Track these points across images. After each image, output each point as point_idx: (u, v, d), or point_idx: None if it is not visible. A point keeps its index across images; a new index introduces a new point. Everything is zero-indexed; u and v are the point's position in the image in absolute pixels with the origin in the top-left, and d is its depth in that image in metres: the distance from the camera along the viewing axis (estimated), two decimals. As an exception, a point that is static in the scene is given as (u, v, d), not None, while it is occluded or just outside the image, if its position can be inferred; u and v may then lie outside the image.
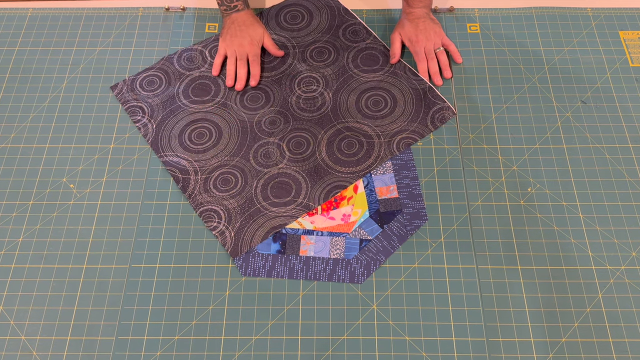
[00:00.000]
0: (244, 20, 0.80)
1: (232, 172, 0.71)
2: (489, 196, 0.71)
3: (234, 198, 0.70)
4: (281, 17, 0.85)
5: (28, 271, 0.67)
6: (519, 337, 0.62)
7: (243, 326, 0.63)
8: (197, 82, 0.79)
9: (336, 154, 0.73)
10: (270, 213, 0.69)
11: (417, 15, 0.81)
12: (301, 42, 0.83)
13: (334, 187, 0.71)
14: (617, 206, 0.70)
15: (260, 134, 0.75)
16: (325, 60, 0.81)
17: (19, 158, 0.75)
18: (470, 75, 0.81)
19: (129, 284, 0.66)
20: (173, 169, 0.72)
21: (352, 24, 0.85)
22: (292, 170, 0.72)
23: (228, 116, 0.76)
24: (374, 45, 0.82)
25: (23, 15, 0.89)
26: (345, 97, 0.77)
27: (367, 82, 0.79)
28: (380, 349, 0.61)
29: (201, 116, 0.76)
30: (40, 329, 0.63)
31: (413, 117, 0.76)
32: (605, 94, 0.79)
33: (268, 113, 0.76)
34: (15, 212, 0.71)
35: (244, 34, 0.79)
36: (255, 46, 0.79)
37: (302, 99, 0.77)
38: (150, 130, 0.75)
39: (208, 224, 0.68)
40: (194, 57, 0.82)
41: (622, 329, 0.62)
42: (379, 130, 0.75)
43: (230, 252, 0.67)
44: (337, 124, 0.75)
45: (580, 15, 0.87)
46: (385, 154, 0.73)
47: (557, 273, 0.66)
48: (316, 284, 0.65)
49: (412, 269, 0.66)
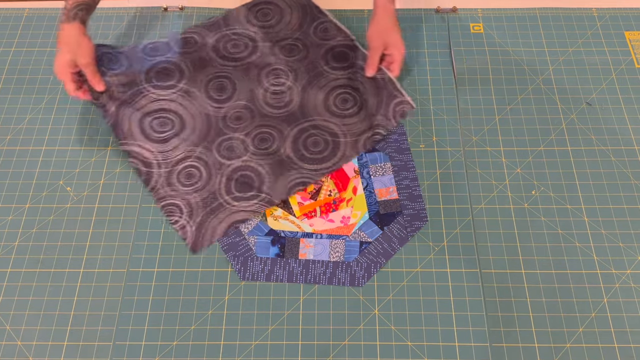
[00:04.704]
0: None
1: (196, 166, 0.71)
2: (493, 199, 0.70)
3: (197, 192, 0.70)
4: (251, 14, 0.84)
5: (24, 275, 0.66)
6: (523, 343, 0.61)
7: (242, 331, 0.62)
8: (161, 65, 0.78)
9: (301, 151, 0.73)
10: (233, 207, 0.69)
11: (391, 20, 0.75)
12: (272, 38, 0.82)
13: (298, 184, 0.71)
14: (622, 209, 0.69)
15: (225, 129, 0.74)
16: (296, 56, 0.80)
17: (15, 160, 0.74)
18: (474, 76, 0.80)
19: (127, 289, 0.65)
20: (136, 161, 0.71)
21: (323, 21, 0.84)
22: (255, 163, 0.71)
23: (192, 108, 0.75)
24: (344, 43, 0.82)
25: (19, 15, 0.88)
26: (314, 94, 0.77)
27: (337, 80, 0.78)
28: (382, 354, 0.61)
29: (164, 105, 0.75)
30: (37, 334, 0.63)
31: (376, 111, 0.75)
32: (610, 95, 0.78)
33: (234, 107, 0.75)
34: (11, 215, 0.70)
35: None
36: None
37: (270, 93, 0.76)
38: (111, 113, 0.73)
39: (170, 218, 0.68)
40: (159, 47, 0.80)
41: (627, 334, 0.62)
42: (346, 129, 0.74)
43: (191, 246, 0.67)
44: (304, 122, 0.75)
45: (585, 15, 0.86)
46: (350, 153, 0.73)
47: (562, 277, 0.65)
48: (317, 288, 0.65)
49: (415, 273, 0.65)
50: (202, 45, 0.81)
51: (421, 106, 0.78)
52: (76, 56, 0.69)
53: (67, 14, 0.70)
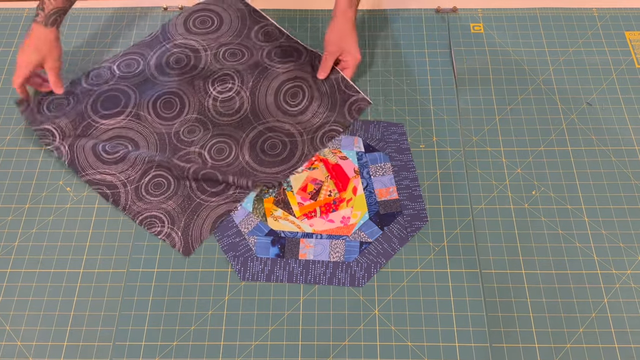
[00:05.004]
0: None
1: (162, 174, 0.70)
2: (493, 199, 0.70)
3: (171, 199, 0.69)
4: (190, 22, 0.83)
5: (24, 276, 0.66)
6: (523, 343, 0.61)
7: (242, 332, 0.62)
8: (106, 94, 0.76)
9: (260, 156, 0.72)
10: (212, 203, 0.69)
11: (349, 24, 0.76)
12: (212, 44, 0.81)
13: (263, 184, 0.70)
14: (623, 209, 0.69)
15: (180, 144, 0.73)
16: (239, 60, 0.79)
17: (15, 161, 0.74)
18: (474, 77, 0.80)
19: (127, 289, 0.65)
20: (99, 186, 0.70)
21: (264, 25, 0.83)
22: (217, 172, 0.70)
23: (143, 129, 0.73)
24: (287, 43, 0.81)
25: (19, 15, 0.88)
26: (264, 94, 0.76)
27: (284, 73, 0.76)
28: (382, 354, 0.61)
29: (116, 133, 0.73)
30: (37, 334, 0.62)
31: (331, 108, 0.75)
32: (610, 96, 0.78)
33: (185, 122, 0.74)
34: (11, 215, 0.70)
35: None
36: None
37: (219, 102, 0.75)
38: (64, 152, 0.72)
39: (152, 230, 0.68)
40: (102, 73, 0.79)
41: (628, 334, 0.62)
42: (301, 128, 0.74)
43: (182, 251, 0.66)
44: (258, 126, 0.74)
45: (586, 15, 0.86)
46: (309, 151, 0.73)
47: (562, 277, 0.65)
48: (317, 288, 0.65)
49: (415, 274, 0.65)
50: (145, 66, 0.79)
51: (421, 106, 0.78)
52: (44, 59, 0.73)
53: (46, 18, 0.72)
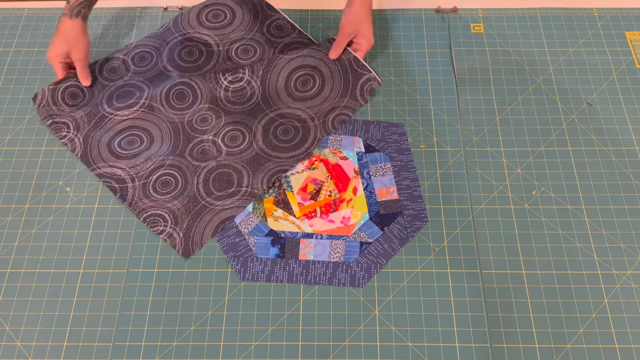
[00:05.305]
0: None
1: (171, 173, 0.71)
2: (493, 200, 0.70)
3: (177, 199, 0.69)
4: (202, 16, 0.84)
5: (24, 276, 0.66)
6: (524, 344, 0.61)
7: (242, 332, 0.62)
8: (122, 89, 0.77)
9: (273, 142, 0.73)
10: (217, 207, 0.69)
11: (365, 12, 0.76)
12: (225, 39, 0.82)
13: (276, 172, 0.71)
14: (623, 210, 0.69)
15: (193, 132, 0.74)
16: (251, 58, 0.80)
17: (15, 161, 0.74)
18: (474, 76, 0.80)
19: (127, 289, 0.65)
20: (108, 180, 0.71)
21: (276, 19, 0.84)
22: (230, 161, 0.72)
23: (157, 119, 0.74)
24: (299, 39, 0.82)
25: (19, 15, 0.88)
26: (274, 82, 0.76)
27: (294, 60, 0.77)
28: (382, 355, 0.60)
29: (129, 124, 0.74)
30: (37, 334, 0.62)
31: (343, 92, 0.76)
32: (611, 96, 0.78)
33: (198, 111, 0.75)
34: (10, 215, 0.70)
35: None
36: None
37: (231, 91, 0.76)
38: (78, 144, 0.73)
39: (154, 229, 0.68)
40: (117, 68, 0.80)
41: (628, 334, 0.61)
42: (312, 112, 0.75)
43: (182, 253, 0.66)
44: (269, 112, 0.75)
45: (586, 15, 0.86)
46: (322, 134, 0.74)
47: (562, 278, 0.65)
48: (317, 289, 0.65)
49: (415, 274, 0.65)
50: (158, 59, 0.80)
51: (421, 106, 0.78)
52: (72, 50, 0.75)
53: (70, 10, 0.73)
